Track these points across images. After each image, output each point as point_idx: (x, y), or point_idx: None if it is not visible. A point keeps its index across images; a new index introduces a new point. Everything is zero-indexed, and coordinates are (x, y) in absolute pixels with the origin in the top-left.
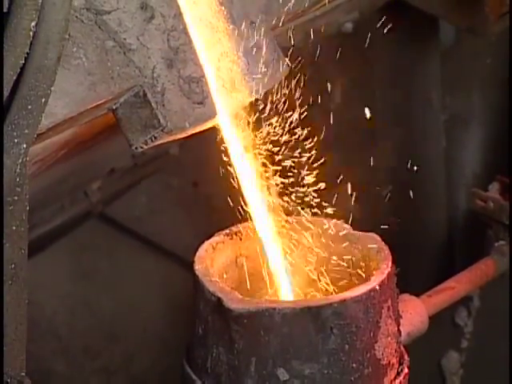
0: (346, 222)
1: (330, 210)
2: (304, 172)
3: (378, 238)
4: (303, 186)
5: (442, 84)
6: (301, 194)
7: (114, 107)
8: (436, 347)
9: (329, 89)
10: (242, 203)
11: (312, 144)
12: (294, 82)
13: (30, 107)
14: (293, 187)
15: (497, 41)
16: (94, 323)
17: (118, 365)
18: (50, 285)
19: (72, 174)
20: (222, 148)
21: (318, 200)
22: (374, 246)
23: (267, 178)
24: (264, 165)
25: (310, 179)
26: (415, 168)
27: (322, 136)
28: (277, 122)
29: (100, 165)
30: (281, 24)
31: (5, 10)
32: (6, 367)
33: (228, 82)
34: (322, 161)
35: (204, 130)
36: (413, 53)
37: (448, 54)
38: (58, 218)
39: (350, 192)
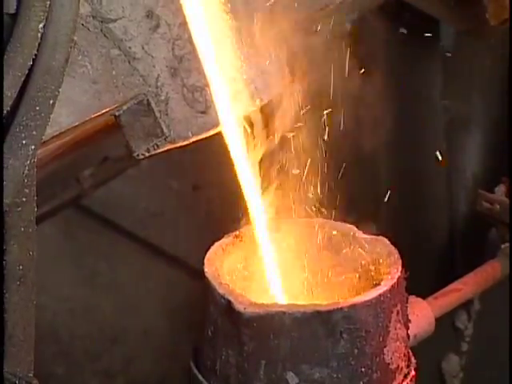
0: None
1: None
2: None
3: (388, 242)
4: (307, 188)
5: (442, 86)
6: (305, 197)
7: (117, 114)
8: (436, 350)
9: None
10: (244, 207)
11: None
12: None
13: (38, 108)
14: (298, 190)
15: (497, 43)
16: (94, 326)
17: (118, 367)
18: (50, 288)
19: (66, 166)
20: (223, 153)
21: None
22: (384, 249)
23: (270, 181)
24: (266, 169)
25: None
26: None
27: (321, 136)
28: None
29: (94, 154)
30: (284, 32)
31: (13, 11)
32: (14, 368)
33: (231, 92)
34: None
35: None
36: (413, 55)
37: (449, 56)
38: (49, 203)
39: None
